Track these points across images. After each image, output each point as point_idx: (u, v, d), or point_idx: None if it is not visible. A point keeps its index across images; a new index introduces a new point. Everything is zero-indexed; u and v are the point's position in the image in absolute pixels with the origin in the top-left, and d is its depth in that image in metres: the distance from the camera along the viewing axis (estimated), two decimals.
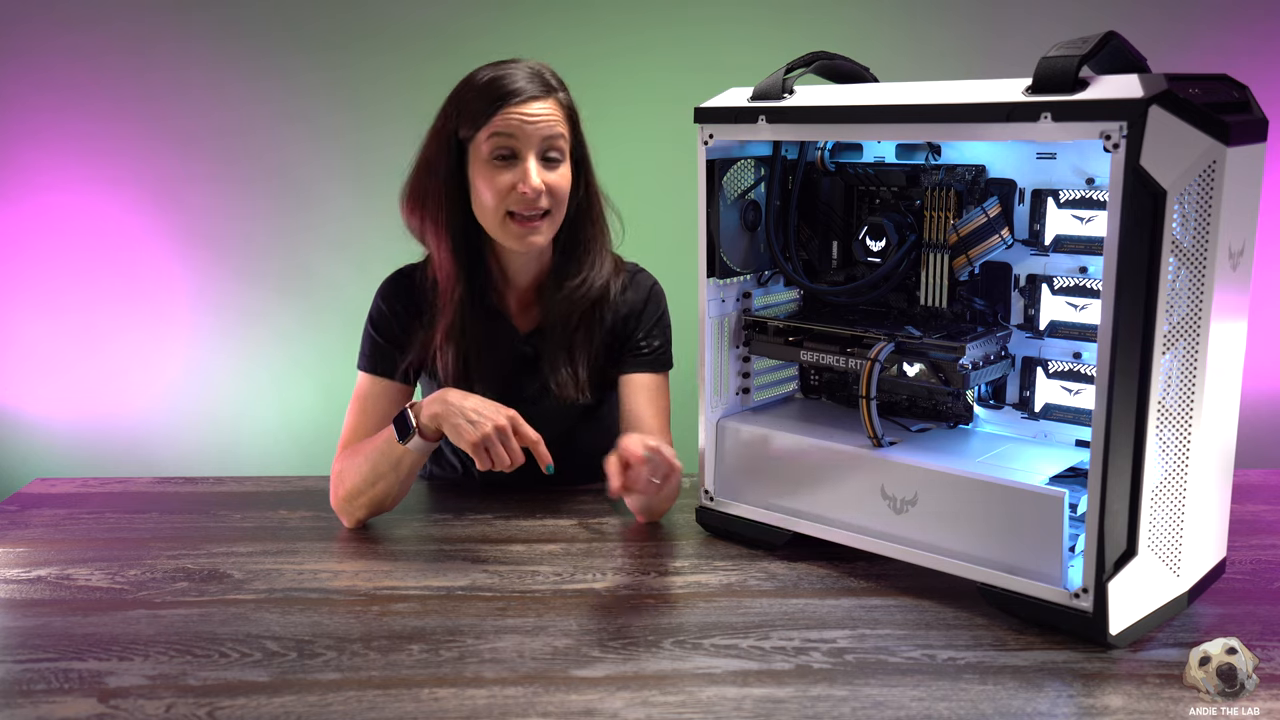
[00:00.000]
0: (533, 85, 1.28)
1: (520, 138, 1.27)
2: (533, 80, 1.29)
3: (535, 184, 1.27)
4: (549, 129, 1.28)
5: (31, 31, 2.15)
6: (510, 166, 1.28)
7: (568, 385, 1.37)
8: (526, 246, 1.32)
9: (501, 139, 1.27)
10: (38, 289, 2.27)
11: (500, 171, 1.28)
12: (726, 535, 1.26)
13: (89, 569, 1.19)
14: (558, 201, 1.31)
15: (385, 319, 1.39)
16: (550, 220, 1.32)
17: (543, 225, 1.31)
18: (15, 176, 2.22)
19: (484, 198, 1.29)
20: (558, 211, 1.32)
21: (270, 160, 2.22)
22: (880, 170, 1.23)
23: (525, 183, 1.27)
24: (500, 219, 1.29)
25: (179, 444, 2.33)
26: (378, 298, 1.41)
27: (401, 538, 1.27)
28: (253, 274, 2.25)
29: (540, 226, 1.30)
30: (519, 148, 1.28)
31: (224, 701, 0.92)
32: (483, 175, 1.29)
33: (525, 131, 1.27)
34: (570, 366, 1.37)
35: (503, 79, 1.28)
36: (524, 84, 1.28)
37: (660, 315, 1.44)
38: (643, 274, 1.47)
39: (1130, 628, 0.98)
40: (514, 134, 1.27)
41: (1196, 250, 0.94)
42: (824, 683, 0.94)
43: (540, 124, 1.27)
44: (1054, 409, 1.17)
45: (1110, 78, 0.93)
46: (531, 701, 0.91)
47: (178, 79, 2.18)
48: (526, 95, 1.27)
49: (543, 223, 1.31)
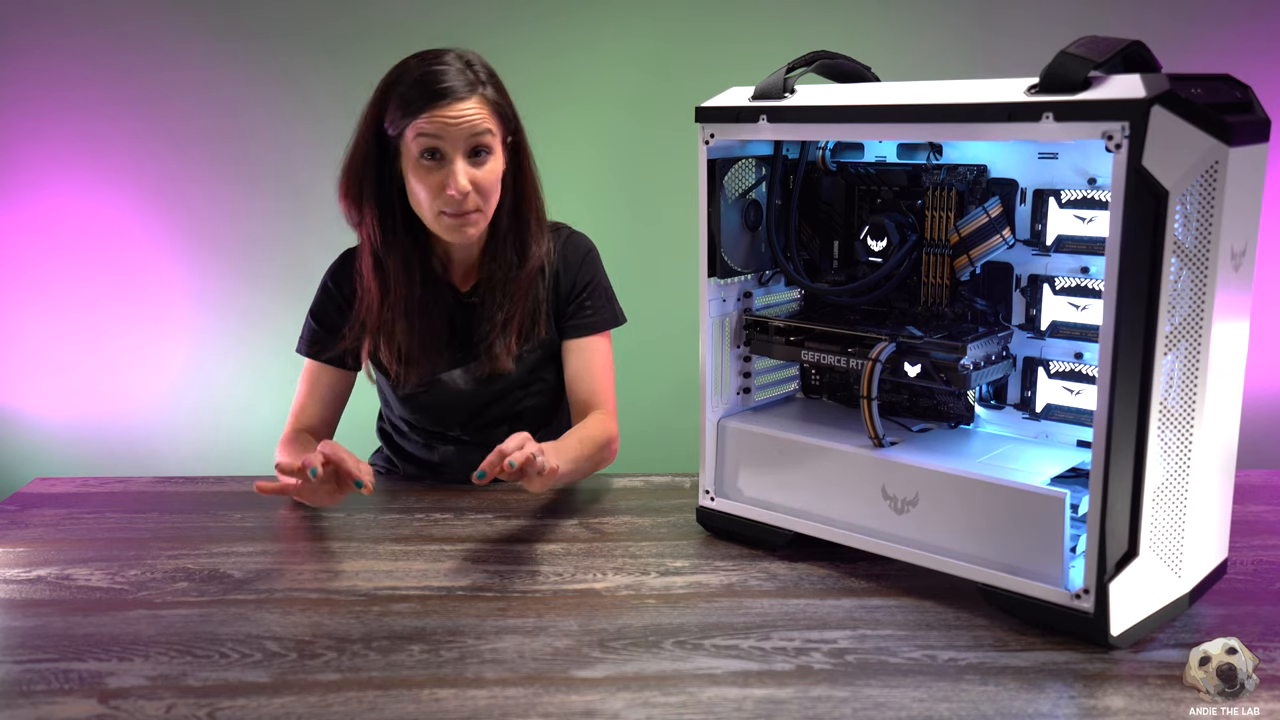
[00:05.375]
0: (459, 83, 1.32)
1: (446, 138, 1.32)
2: (459, 77, 1.33)
3: (462, 185, 1.32)
4: (473, 127, 1.33)
5: (32, 32, 2.15)
6: (439, 166, 1.33)
7: (502, 354, 1.43)
8: (462, 239, 1.38)
9: (427, 139, 1.32)
10: (38, 289, 2.27)
11: (429, 172, 1.33)
12: (727, 535, 1.26)
13: (89, 569, 1.19)
14: (486, 196, 1.37)
15: (327, 301, 1.47)
16: (482, 214, 1.37)
17: (475, 218, 1.37)
18: (16, 176, 2.22)
19: (418, 196, 1.36)
20: (488, 204, 1.38)
21: (271, 160, 2.22)
22: (882, 170, 1.23)
23: (453, 184, 1.32)
24: (435, 215, 1.36)
25: (179, 444, 2.33)
26: (325, 278, 1.49)
27: (401, 538, 1.27)
28: (253, 274, 2.25)
29: (472, 219, 1.36)
30: (445, 148, 1.32)
31: (224, 702, 0.92)
32: (414, 173, 1.35)
33: (450, 133, 1.32)
34: (505, 337, 1.44)
35: (429, 79, 1.32)
36: (450, 82, 1.32)
37: (597, 277, 1.51)
38: (577, 236, 1.53)
39: (1131, 628, 0.98)
40: (440, 135, 1.32)
41: (1198, 251, 0.94)
42: (825, 683, 0.94)
43: (465, 124, 1.32)
44: (1055, 409, 1.17)
45: (1113, 78, 0.93)
46: (532, 702, 0.91)
47: (178, 79, 2.18)
48: (452, 97, 1.31)
49: (474, 216, 1.36)
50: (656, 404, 2.29)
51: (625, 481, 1.46)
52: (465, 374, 1.46)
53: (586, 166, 2.22)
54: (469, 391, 1.47)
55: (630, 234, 2.22)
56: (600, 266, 1.52)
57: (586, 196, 2.20)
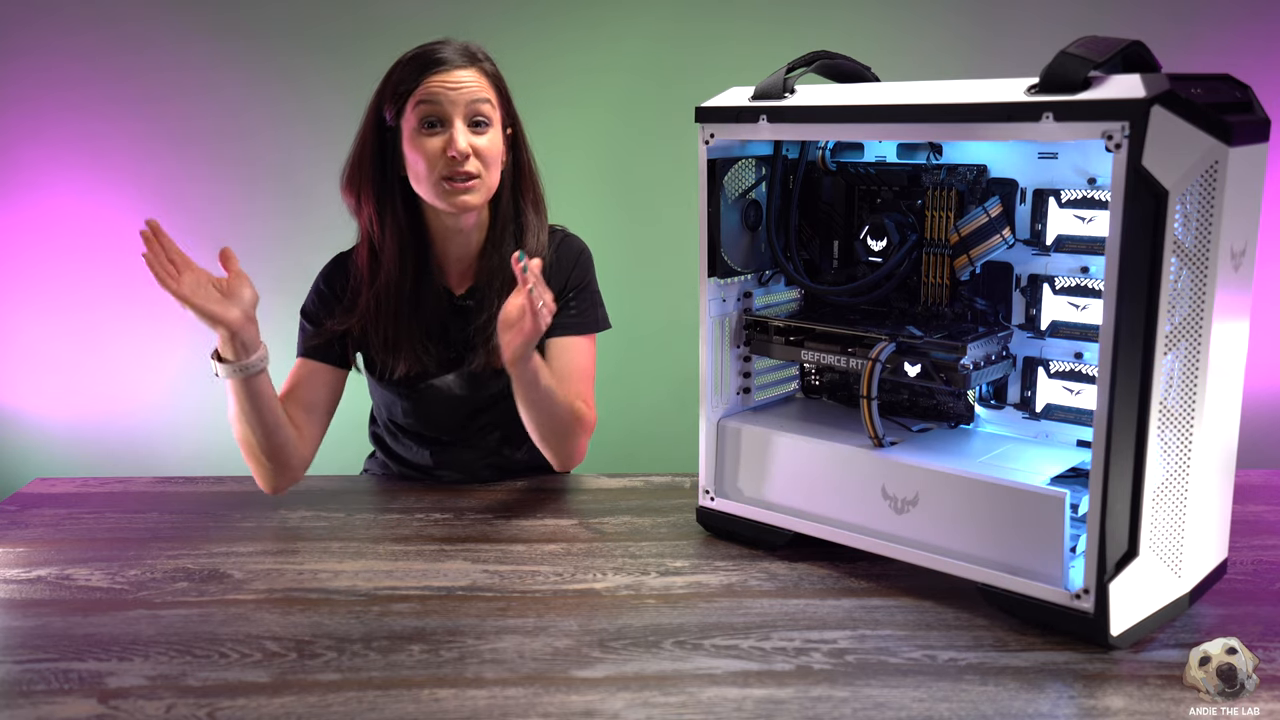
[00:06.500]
0: (456, 55, 1.35)
1: (445, 103, 1.33)
2: (457, 52, 1.36)
3: (462, 147, 1.33)
4: (473, 94, 1.34)
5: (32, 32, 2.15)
6: (439, 133, 1.34)
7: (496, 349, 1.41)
8: (461, 206, 1.37)
9: (428, 106, 1.33)
10: (38, 289, 2.27)
11: (429, 138, 1.34)
12: (727, 535, 1.26)
13: (89, 569, 1.19)
14: (487, 165, 1.37)
15: (318, 300, 1.47)
16: (482, 181, 1.37)
17: (475, 184, 1.36)
18: (16, 176, 2.22)
19: (418, 167, 1.36)
20: (489, 175, 1.37)
21: (271, 160, 2.22)
22: (881, 170, 1.23)
23: (453, 146, 1.32)
24: (435, 182, 1.35)
25: (179, 444, 2.33)
26: (318, 279, 1.49)
27: (402, 538, 1.27)
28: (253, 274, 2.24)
29: (473, 186, 1.36)
30: (445, 114, 1.34)
31: (224, 702, 0.92)
32: (414, 144, 1.35)
33: (450, 98, 1.33)
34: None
35: (427, 52, 1.35)
36: (448, 55, 1.35)
37: (588, 280, 1.51)
38: (572, 238, 1.53)
39: (1131, 628, 0.98)
40: (439, 100, 1.33)
41: (1198, 251, 0.94)
42: (825, 683, 0.94)
43: (464, 90, 1.34)
44: (1055, 409, 1.17)
45: (1113, 78, 0.93)
46: (532, 702, 0.91)
47: (178, 79, 2.18)
48: (451, 65, 1.34)
49: (475, 183, 1.36)
50: (656, 404, 2.29)
51: (625, 481, 1.46)
52: (457, 377, 1.46)
53: (586, 167, 2.22)
54: (461, 396, 1.47)
55: (630, 234, 2.22)
56: (592, 270, 1.51)
57: (586, 197, 2.20)
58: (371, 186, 1.39)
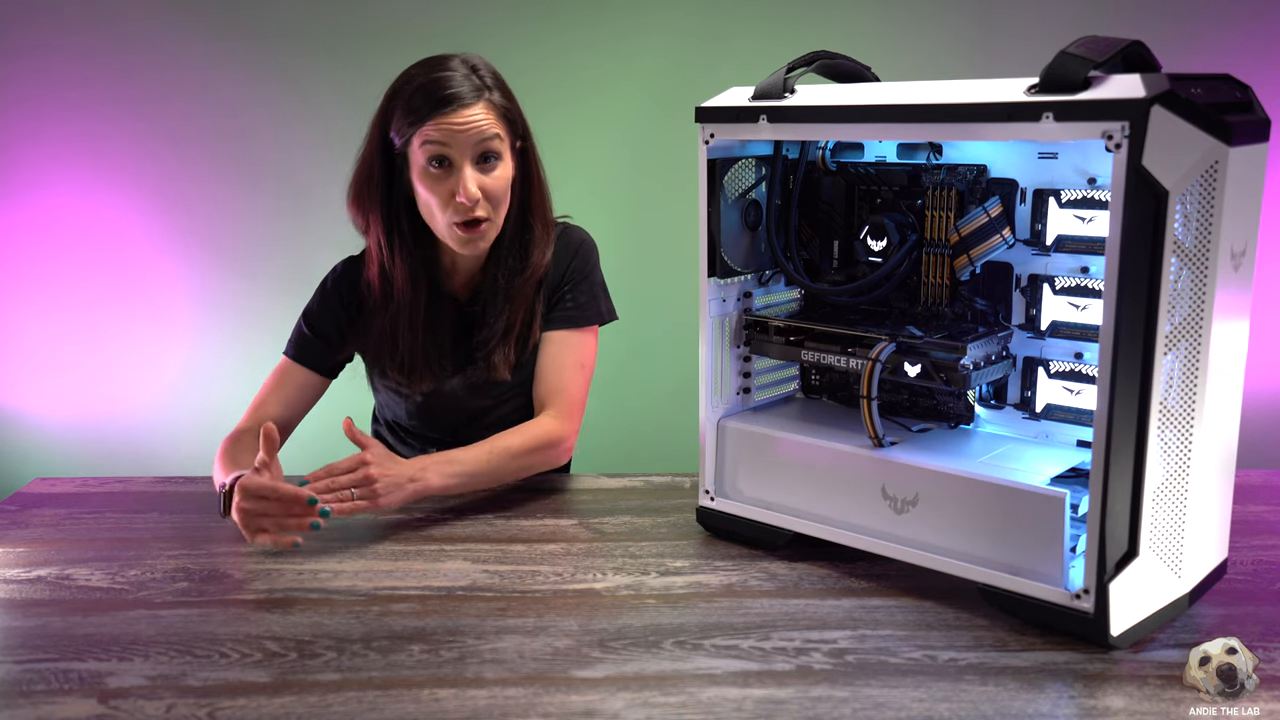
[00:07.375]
0: (464, 89, 1.31)
1: (454, 145, 1.31)
2: (465, 83, 1.31)
3: (472, 193, 1.31)
4: (481, 134, 1.32)
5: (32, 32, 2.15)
6: (447, 175, 1.32)
7: (500, 364, 1.43)
8: (471, 251, 1.37)
9: (435, 147, 1.31)
10: (38, 289, 2.27)
11: (438, 181, 1.32)
12: (727, 535, 1.26)
13: (89, 569, 1.19)
14: (495, 204, 1.36)
15: (323, 306, 1.46)
16: (492, 223, 1.36)
17: (485, 229, 1.36)
18: (16, 176, 2.22)
19: (430, 207, 1.35)
20: (497, 213, 1.37)
21: (271, 160, 2.22)
22: (881, 170, 1.23)
23: (463, 192, 1.31)
24: (447, 226, 1.34)
25: (179, 444, 2.33)
26: (325, 282, 1.47)
27: (402, 538, 1.27)
28: (253, 274, 2.25)
29: (483, 230, 1.36)
30: (453, 155, 1.32)
31: (224, 702, 0.92)
32: (422, 182, 1.33)
33: (458, 140, 1.31)
34: (504, 346, 1.43)
35: (434, 85, 1.31)
36: (455, 89, 1.30)
37: (587, 271, 1.49)
38: (573, 229, 1.52)
39: (1131, 629, 0.98)
40: (447, 142, 1.31)
41: (1198, 251, 0.94)
42: (825, 683, 0.94)
43: (472, 130, 1.31)
44: (1055, 409, 1.17)
45: (1113, 78, 0.93)
46: (532, 702, 0.91)
47: (178, 79, 2.18)
48: (458, 104, 1.30)
49: (485, 227, 1.35)
50: (656, 404, 2.29)
51: (625, 481, 1.46)
52: (462, 380, 1.46)
53: (587, 167, 2.22)
54: (465, 398, 1.47)
55: (631, 234, 2.22)
56: (593, 260, 1.50)
57: (587, 197, 2.20)
58: (379, 210, 1.38)
